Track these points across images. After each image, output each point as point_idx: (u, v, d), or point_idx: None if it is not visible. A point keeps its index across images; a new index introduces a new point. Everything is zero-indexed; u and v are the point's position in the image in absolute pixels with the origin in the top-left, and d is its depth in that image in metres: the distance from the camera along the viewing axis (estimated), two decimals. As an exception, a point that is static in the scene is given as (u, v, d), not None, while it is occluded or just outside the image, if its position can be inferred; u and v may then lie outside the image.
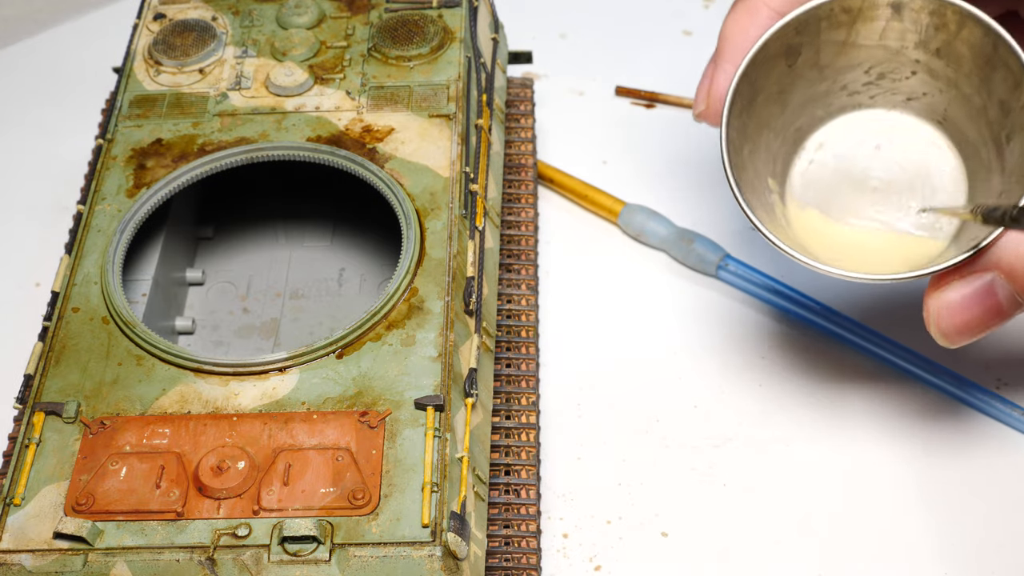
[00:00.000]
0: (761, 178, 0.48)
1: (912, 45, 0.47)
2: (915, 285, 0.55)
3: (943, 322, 0.43)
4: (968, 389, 0.51)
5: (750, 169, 0.47)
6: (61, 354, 0.44)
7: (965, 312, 0.43)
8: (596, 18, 0.71)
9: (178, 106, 0.52)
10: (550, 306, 0.56)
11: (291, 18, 0.55)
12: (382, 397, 0.42)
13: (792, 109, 0.49)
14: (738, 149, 0.46)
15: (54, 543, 0.39)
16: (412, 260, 0.45)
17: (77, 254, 0.47)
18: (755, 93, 0.47)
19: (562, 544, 0.48)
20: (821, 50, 0.48)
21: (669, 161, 0.62)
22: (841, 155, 0.49)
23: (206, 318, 0.54)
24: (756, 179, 0.48)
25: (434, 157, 0.49)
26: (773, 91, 0.48)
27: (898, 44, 0.47)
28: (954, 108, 0.47)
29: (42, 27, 0.73)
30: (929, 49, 0.47)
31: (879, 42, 0.47)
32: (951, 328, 0.43)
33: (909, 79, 0.48)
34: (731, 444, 0.51)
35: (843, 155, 0.49)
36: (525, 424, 0.48)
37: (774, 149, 0.49)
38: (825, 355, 0.53)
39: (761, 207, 0.46)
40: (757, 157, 0.48)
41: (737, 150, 0.46)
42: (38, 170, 0.64)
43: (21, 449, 0.41)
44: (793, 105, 0.49)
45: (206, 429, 0.41)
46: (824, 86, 0.49)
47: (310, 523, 0.38)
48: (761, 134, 0.48)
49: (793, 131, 0.49)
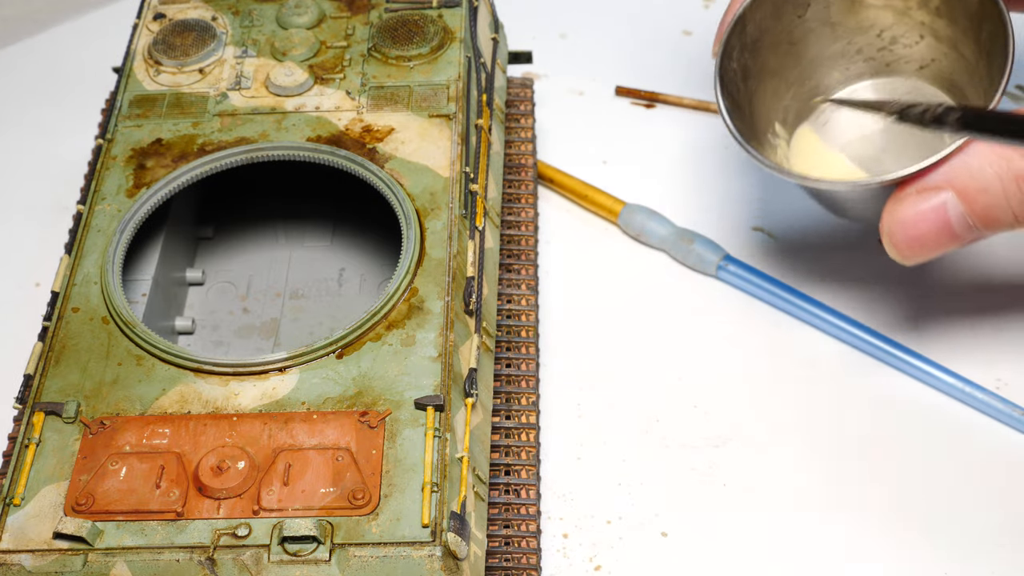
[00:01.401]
0: (766, 120, 0.50)
1: (916, 5, 0.49)
2: (914, 284, 0.55)
3: (895, 236, 0.44)
4: (968, 389, 0.51)
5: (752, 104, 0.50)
6: (61, 354, 0.44)
7: (916, 227, 0.44)
8: (596, 18, 0.71)
9: (178, 106, 0.52)
10: (550, 306, 0.56)
11: (291, 18, 0.55)
12: (382, 397, 0.42)
13: (807, 64, 0.51)
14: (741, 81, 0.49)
15: (54, 543, 0.39)
16: (412, 260, 0.45)
17: (77, 254, 0.47)
18: (760, 33, 0.50)
19: (562, 544, 0.48)
20: (831, 5, 0.50)
21: (669, 161, 0.62)
22: (855, 115, 0.51)
23: (206, 318, 0.54)
24: (758, 119, 0.50)
25: (434, 157, 0.49)
26: (783, 39, 0.50)
27: (903, 4, 0.49)
28: (958, 71, 0.49)
29: (42, 27, 0.73)
30: (930, 8, 0.49)
31: (886, 1, 0.50)
32: (902, 242, 0.44)
33: (919, 44, 0.49)
34: (731, 444, 0.51)
35: (857, 116, 0.51)
36: (525, 424, 0.48)
37: (786, 100, 0.51)
38: (825, 355, 0.53)
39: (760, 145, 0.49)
40: (763, 98, 0.50)
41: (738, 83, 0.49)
42: (38, 170, 0.64)
43: (21, 449, 0.41)
44: (807, 60, 0.51)
45: (206, 429, 0.41)
46: (839, 46, 0.50)
47: (310, 523, 0.38)
48: (769, 80, 0.50)
49: (809, 88, 0.51)
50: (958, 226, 0.43)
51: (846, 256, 0.57)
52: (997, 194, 0.42)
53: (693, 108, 0.65)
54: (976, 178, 0.42)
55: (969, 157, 0.43)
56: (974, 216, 0.43)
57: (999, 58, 0.45)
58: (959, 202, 0.43)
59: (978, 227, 0.43)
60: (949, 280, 0.56)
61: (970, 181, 0.42)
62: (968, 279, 0.56)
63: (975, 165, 0.42)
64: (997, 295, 0.55)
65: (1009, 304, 0.55)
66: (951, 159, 0.43)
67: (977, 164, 0.42)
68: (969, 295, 0.55)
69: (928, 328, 0.54)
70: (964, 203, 0.43)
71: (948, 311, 0.54)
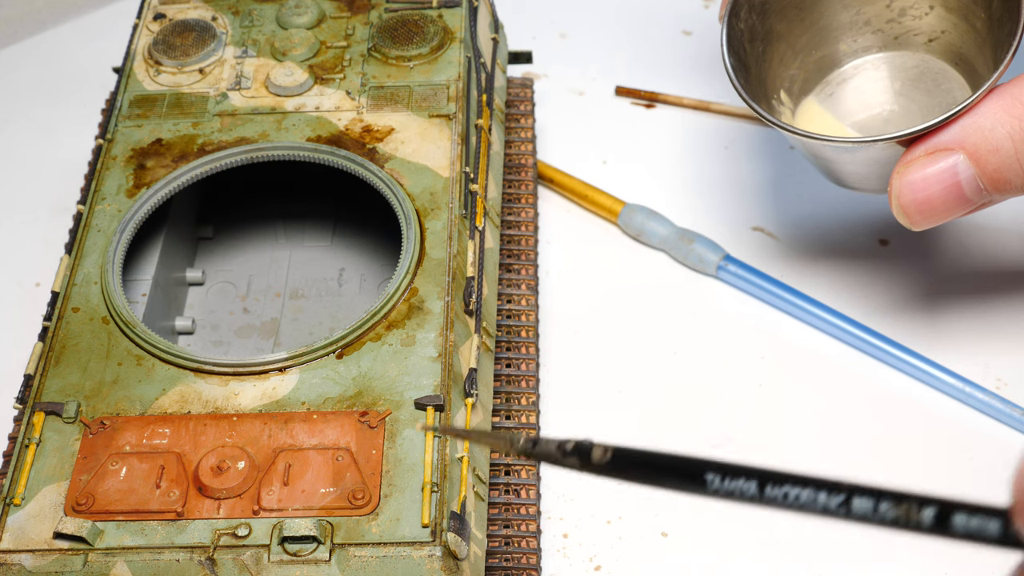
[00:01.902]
0: (772, 86, 0.50)
1: None
2: (915, 284, 0.55)
3: (904, 198, 0.43)
4: (968, 389, 0.51)
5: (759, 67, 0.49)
6: (61, 354, 0.44)
7: (926, 189, 0.43)
8: (596, 18, 0.71)
9: (178, 106, 0.52)
10: (550, 306, 0.56)
11: (291, 18, 0.55)
12: (382, 397, 0.42)
13: (814, 32, 0.51)
14: (748, 42, 0.48)
15: (54, 543, 0.39)
16: (412, 260, 0.45)
17: (77, 254, 0.47)
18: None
19: (562, 544, 0.48)
20: None
21: (669, 161, 0.62)
22: (861, 88, 0.50)
23: (206, 318, 0.54)
24: (764, 83, 0.50)
25: (434, 157, 0.49)
26: (790, 3, 0.50)
27: None
28: (967, 44, 0.48)
29: (42, 27, 0.73)
30: None
31: None
32: (911, 204, 0.43)
33: (928, 15, 0.49)
34: (731, 444, 0.51)
35: (864, 89, 0.50)
36: (525, 424, 0.48)
37: (792, 69, 0.51)
38: (825, 355, 0.53)
39: (766, 109, 0.48)
40: (769, 63, 0.50)
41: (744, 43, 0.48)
42: (38, 170, 0.64)
43: (21, 449, 0.41)
44: (815, 28, 0.50)
45: (206, 429, 0.41)
46: (847, 16, 0.50)
47: (310, 523, 0.38)
48: (776, 44, 0.50)
49: (816, 59, 0.51)
50: (968, 189, 0.42)
51: (846, 256, 0.57)
52: (1008, 155, 0.41)
53: (693, 108, 0.65)
54: (988, 138, 0.41)
55: (980, 118, 0.42)
56: (985, 178, 0.42)
57: (1010, 23, 0.43)
58: (970, 164, 0.42)
59: (988, 190, 0.43)
60: (949, 280, 0.56)
61: (981, 142, 0.41)
62: (968, 279, 0.56)
63: (987, 125, 0.41)
64: (997, 295, 0.55)
65: (1009, 304, 0.55)
66: (961, 119, 0.42)
67: (989, 124, 0.41)
68: (969, 295, 0.55)
69: (928, 328, 0.54)
70: (975, 164, 0.42)
71: (948, 311, 0.54)
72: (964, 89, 0.49)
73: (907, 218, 0.44)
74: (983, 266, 0.56)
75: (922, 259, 0.56)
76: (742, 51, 0.48)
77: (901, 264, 0.56)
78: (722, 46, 0.47)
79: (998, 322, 0.54)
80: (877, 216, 0.58)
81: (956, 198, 0.43)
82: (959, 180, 0.42)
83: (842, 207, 0.59)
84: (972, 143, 0.42)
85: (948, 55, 0.50)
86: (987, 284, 0.55)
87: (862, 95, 0.51)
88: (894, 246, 0.57)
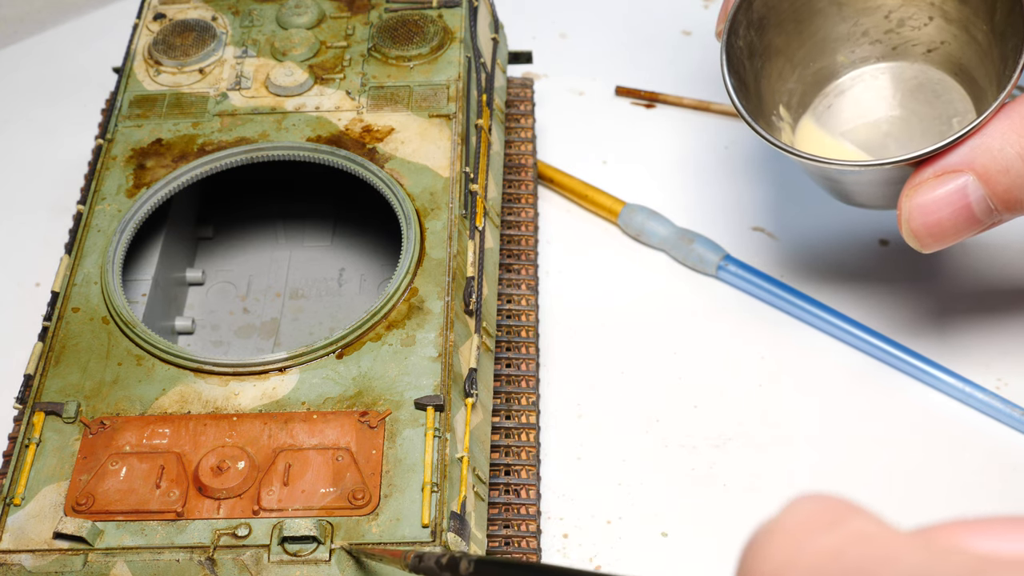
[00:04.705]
0: (771, 102, 0.50)
1: None
2: (915, 285, 0.55)
3: (914, 222, 0.43)
4: (968, 389, 0.51)
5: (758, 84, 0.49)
6: (61, 354, 0.44)
7: (936, 212, 0.42)
8: (596, 18, 0.71)
9: (178, 106, 0.52)
10: (550, 306, 0.56)
11: (291, 18, 0.55)
12: (382, 397, 0.42)
13: (812, 45, 0.50)
14: (747, 59, 0.48)
15: (54, 543, 0.39)
16: (412, 260, 0.45)
17: (77, 254, 0.47)
18: (767, 10, 0.49)
19: (562, 544, 0.48)
20: None
21: (669, 161, 0.62)
22: (860, 100, 0.50)
23: (206, 318, 0.54)
24: (762, 98, 0.49)
25: (434, 157, 0.49)
26: (789, 17, 0.49)
27: None
28: (968, 55, 0.48)
29: (42, 27, 0.73)
30: None
31: None
32: (921, 228, 0.43)
33: (927, 26, 0.49)
34: (731, 444, 0.51)
35: (862, 100, 0.50)
36: (525, 424, 0.48)
37: (790, 83, 0.50)
38: (825, 355, 0.53)
39: (766, 127, 0.48)
40: (768, 79, 0.50)
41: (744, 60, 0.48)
42: (38, 170, 0.64)
43: (21, 449, 0.41)
44: (813, 41, 0.50)
45: (206, 429, 0.41)
46: (845, 28, 0.50)
47: (310, 523, 0.38)
48: (774, 59, 0.50)
49: (813, 71, 0.51)
50: (979, 210, 0.42)
51: (846, 256, 0.57)
52: (1019, 174, 0.41)
53: (693, 108, 0.65)
54: (997, 159, 0.41)
55: (988, 138, 0.41)
56: (995, 198, 0.42)
57: (1015, 38, 0.43)
58: (980, 184, 0.42)
59: (999, 210, 0.42)
60: (949, 280, 0.56)
61: (991, 162, 0.41)
62: (968, 279, 0.56)
63: (995, 146, 0.41)
64: (997, 296, 0.55)
65: (1009, 304, 0.55)
66: (969, 140, 0.42)
67: (998, 144, 0.41)
68: (969, 296, 0.55)
69: (928, 328, 0.54)
70: (985, 185, 0.41)
71: (948, 311, 0.54)
72: (964, 99, 0.49)
73: (918, 241, 0.44)
74: (983, 266, 0.56)
75: (922, 259, 0.56)
76: (741, 68, 0.48)
77: (901, 264, 0.56)
78: (722, 66, 0.47)
79: (998, 322, 0.54)
80: (877, 216, 0.58)
81: (966, 219, 0.42)
82: (969, 201, 0.42)
83: (842, 207, 0.59)
84: (981, 164, 0.41)
85: (948, 66, 0.50)
86: (987, 284, 0.55)
87: (861, 106, 0.51)
88: (894, 246, 0.57)
